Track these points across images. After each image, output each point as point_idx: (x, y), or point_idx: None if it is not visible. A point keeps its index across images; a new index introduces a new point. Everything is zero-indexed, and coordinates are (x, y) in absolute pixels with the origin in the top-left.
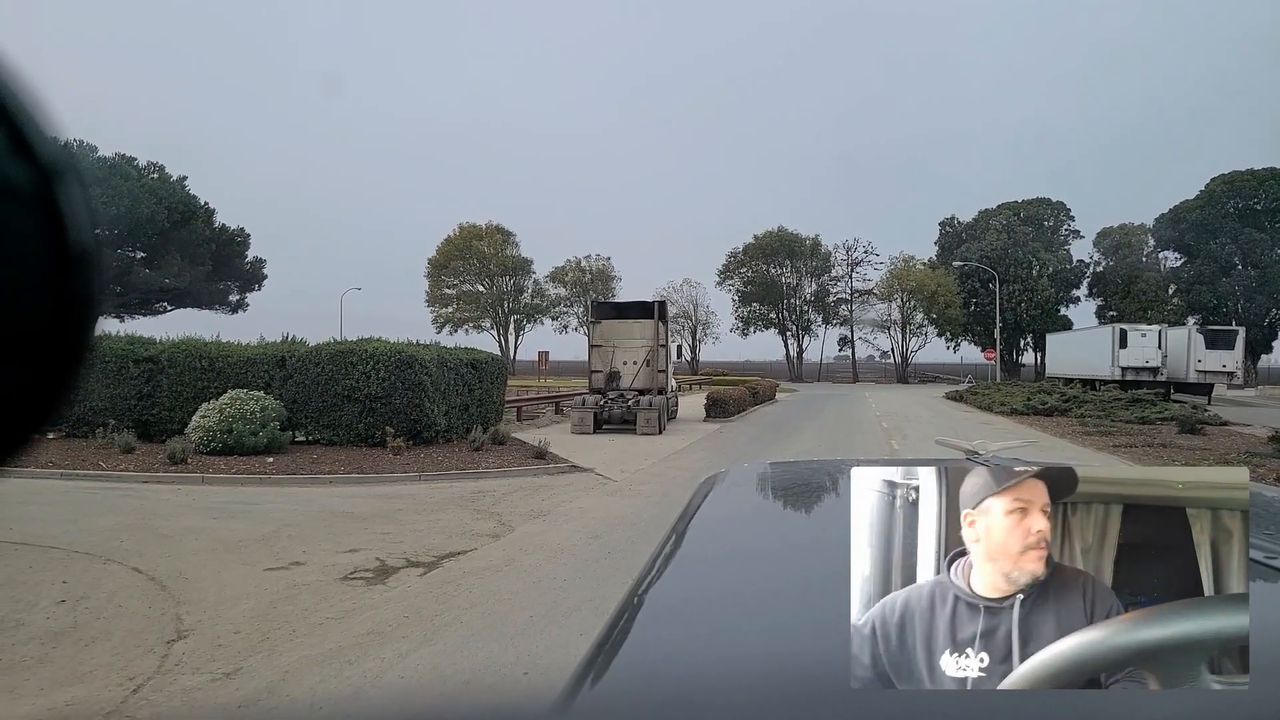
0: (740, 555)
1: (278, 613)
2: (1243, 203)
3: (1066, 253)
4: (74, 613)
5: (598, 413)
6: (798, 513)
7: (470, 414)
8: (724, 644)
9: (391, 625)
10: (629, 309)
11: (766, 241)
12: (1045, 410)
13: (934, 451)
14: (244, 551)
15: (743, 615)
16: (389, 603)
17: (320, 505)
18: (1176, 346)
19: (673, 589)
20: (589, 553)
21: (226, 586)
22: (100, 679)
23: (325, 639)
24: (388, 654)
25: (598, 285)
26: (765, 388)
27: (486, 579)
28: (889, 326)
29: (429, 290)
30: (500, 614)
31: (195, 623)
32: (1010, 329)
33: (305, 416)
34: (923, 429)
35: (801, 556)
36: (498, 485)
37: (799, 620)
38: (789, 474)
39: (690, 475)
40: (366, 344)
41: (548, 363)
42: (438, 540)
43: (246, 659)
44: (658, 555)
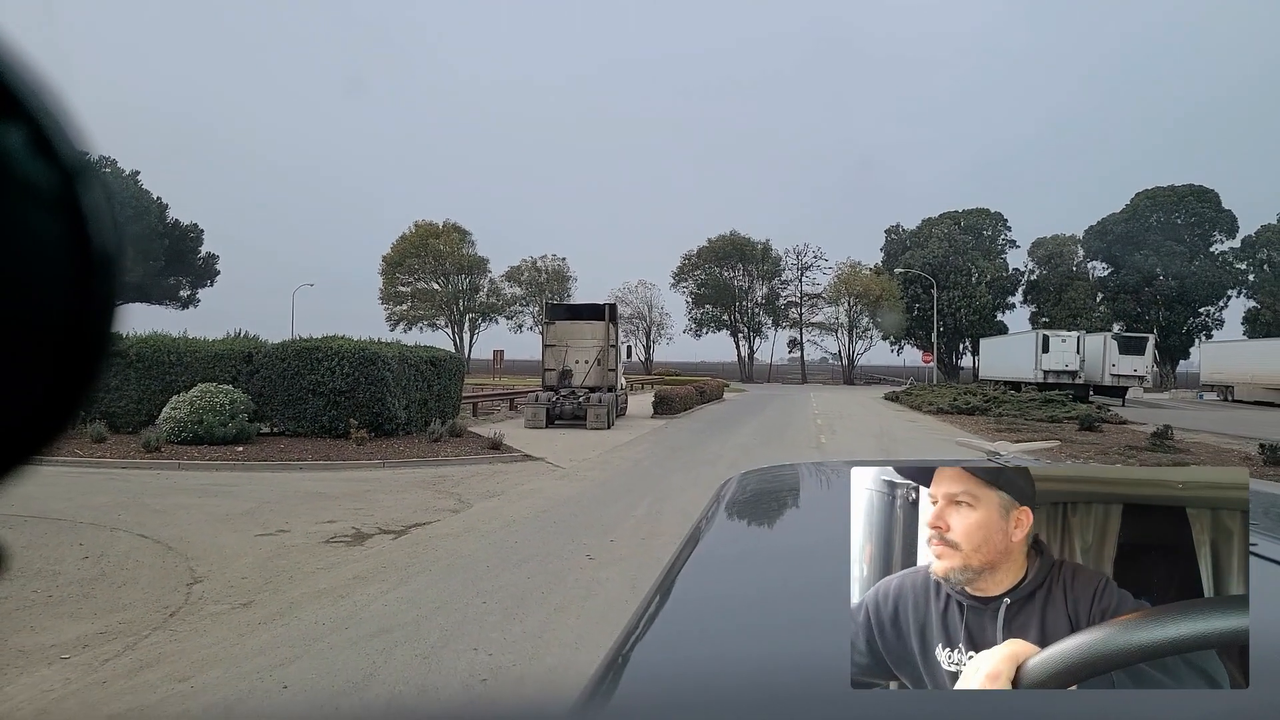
0: (757, 557)
1: (274, 565)
2: (1164, 217)
3: (1003, 261)
4: (99, 565)
5: (550, 408)
6: (814, 513)
7: (429, 408)
8: (743, 645)
9: (371, 573)
10: (582, 311)
11: (719, 245)
12: (968, 410)
13: (855, 445)
14: (233, 522)
15: (762, 616)
16: (368, 558)
17: (294, 487)
18: (1093, 352)
19: (691, 591)
20: (538, 522)
21: (225, 547)
22: (139, 608)
23: (318, 582)
24: (371, 591)
25: (553, 285)
26: (713, 387)
27: (449, 542)
28: (836, 329)
29: (383, 288)
30: (461, 565)
31: (206, 572)
32: (950, 333)
33: (271, 409)
34: (852, 425)
35: (819, 557)
36: (456, 471)
37: (817, 621)
38: (805, 475)
39: (632, 464)
40: (331, 341)
41: (502, 361)
42: (404, 514)
43: (256, 595)
44: (676, 557)
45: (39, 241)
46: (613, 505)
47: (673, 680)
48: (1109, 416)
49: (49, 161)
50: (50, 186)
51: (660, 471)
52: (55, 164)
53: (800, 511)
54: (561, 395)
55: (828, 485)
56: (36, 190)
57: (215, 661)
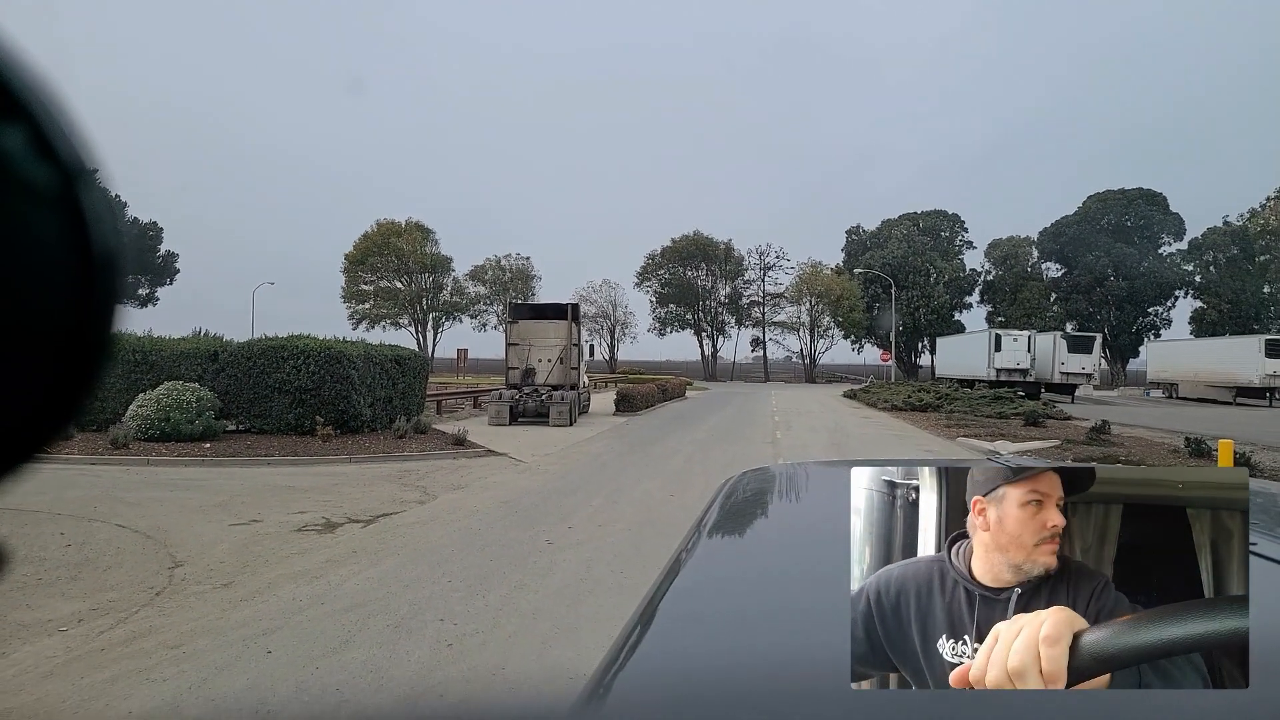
0: (758, 556)
1: (250, 551)
2: (1115, 219)
3: (961, 262)
4: (83, 552)
5: (514, 406)
6: (816, 513)
7: (394, 406)
8: (744, 644)
9: (343, 557)
10: (545, 310)
11: (683, 245)
12: (921, 406)
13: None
14: (207, 513)
15: (762, 615)
16: (339, 544)
17: (263, 481)
18: (1044, 351)
19: (692, 591)
20: (500, 512)
21: (202, 536)
22: (126, 589)
23: (293, 565)
24: (344, 572)
25: (517, 284)
26: (675, 385)
27: (416, 529)
28: (798, 329)
29: (345, 286)
30: (428, 549)
31: (186, 557)
32: (909, 332)
33: (237, 407)
34: (809, 421)
35: (820, 556)
36: (421, 466)
37: (818, 620)
38: (808, 475)
39: (592, 458)
40: (297, 340)
41: (466, 360)
42: (372, 505)
43: (235, 577)
44: (678, 556)
45: (39, 243)
46: (572, 496)
47: (673, 678)
48: (1054, 412)
49: (49, 162)
50: (51, 187)
51: (619, 465)
52: (56, 165)
53: (801, 511)
54: (525, 393)
55: (828, 485)
56: (37, 191)
57: (203, 632)
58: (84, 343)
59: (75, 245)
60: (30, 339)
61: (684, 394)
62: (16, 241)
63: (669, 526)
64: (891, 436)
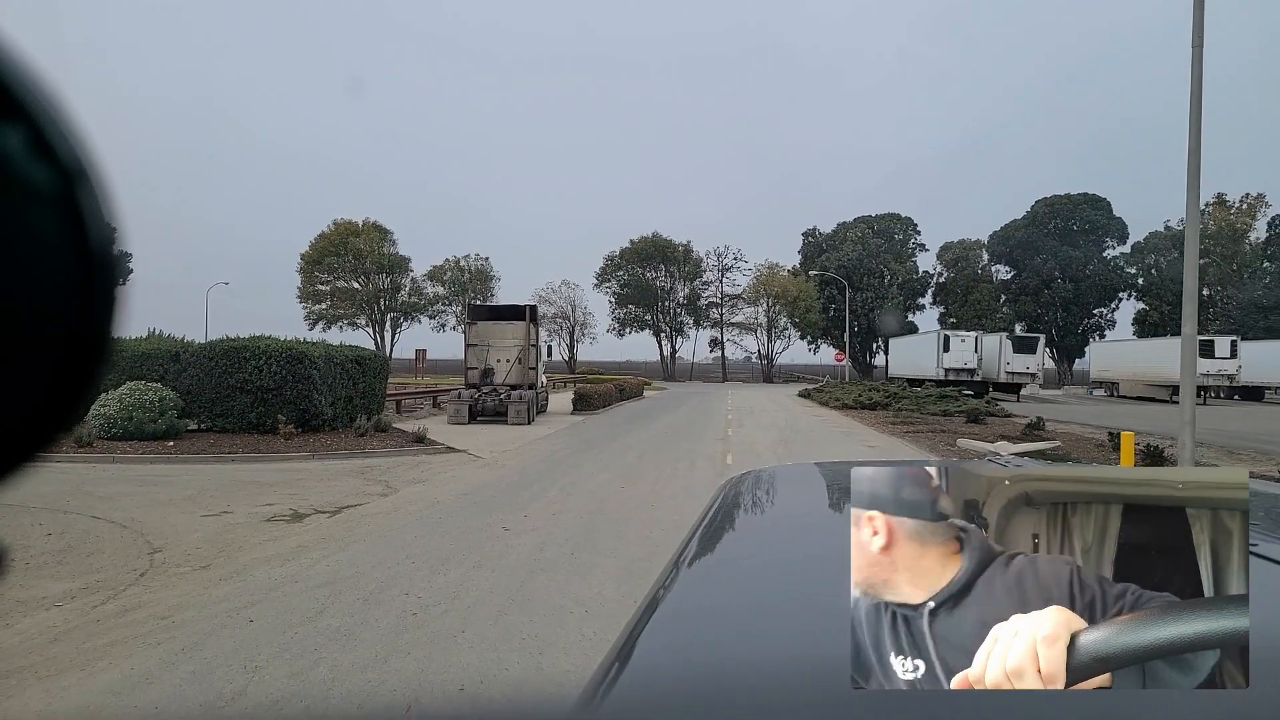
0: (758, 557)
1: (224, 538)
2: (1062, 223)
3: (914, 264)
4: (64, 540)
5: (472, 405)
6: (816, 514)
7: (354, 405)
8: (744, 645)
9: (312, 543)
10: (503, 311)
11: (642, 246)
12: (871, 405)
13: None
14: (177, 506)
15: (762, 616)
16: (307, 531)
17: (229, 477)
18: (990, 351)
19: (692, 590)
20: (459, 503)
21: (176, 526)
22: (111, 571)
23: (265, 550)
24: (314, 556)
25: (476, 285)
26: (632, 385)
27: (380, 519)
28: (756, 329)
29: (301, 286)
30: (392, 536)
31: (163, 544)
32: (864, 333)
33: (199, 406)
34: (761, 420)
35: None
36: (383, 462)
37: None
38: (809, 476)
39: (549, 454)
40: (259, 341)
41: (425, 360)
42: (337, 497)
43: (212, 560)
44: (678, 557)
45: (38, 243)
46: (528, 489)
47: (673, 680)
48: (995, 410)
49: (48, 163)
50: (50, 188)
51: (574, 460)
52: (55, 166)
53: (801, 512)
54: (484, 392)
55: (829, 486)
56: (36, 192)
57: (188, 606)
58: (83, 343)
59: (74, 246)
60: (30, 340)
61: (642, 394)
62: (16, 242)
63: (619, 515)
64: (839, 433)
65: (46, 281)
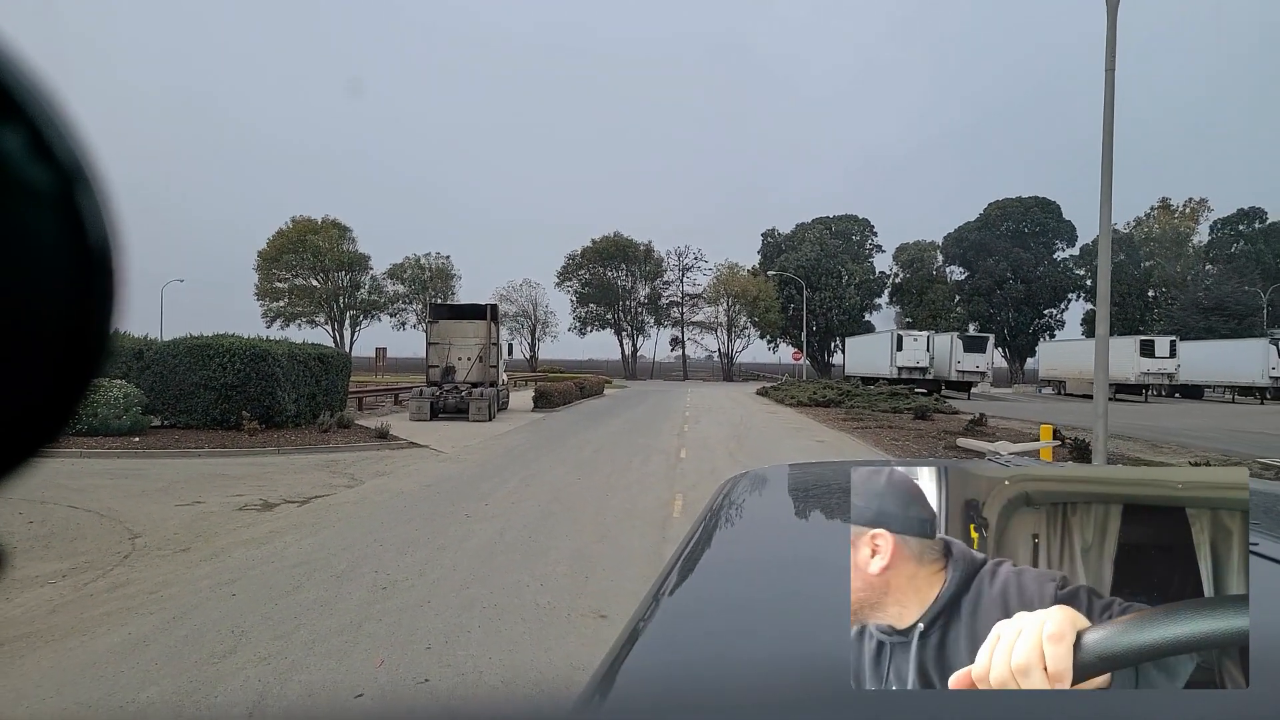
0: (758, 557)
1: (200, 525)
2: (1014, 225)
3: (871, 265)
4: (46, 527)
5: (434, 402)
6: (816, 514)
7: (318, 402)
8: (744, 645)
9: (284, 529)
10: (465, 310)
11: (603, 246)
12: (824, 402)
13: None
14: (151, 496)
15: (762, 616)
16: (278, 519)
17: (196, 471)
18: (941, 350)
19: (693, 590)
20: (423, 493)
21: (152, 514)
22: (97, 553)
23: (240, 535)
24: (287, 540)
25: (437, 283)
26: (593, 383)
27: (347, 507)
28: (716, 328)
29: (259, 284)
30: (360, 522)
31: (143, 530)
32: (822, 332)
33: (163, 403)
34: (718, 417)
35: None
36: (347, 457)
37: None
38: (809, 475)
39: (509, 449)
40: (222, 339)
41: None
42: (305, 489)
43: (191, 544)
44: (678, 556)
45: (37, 244)
46: (489, 481)
47: (673, 681)
48: (943, 407)
49: (47, 164)
50: (49, 189)
51: (534, 455)
52: (54, 166)
53: (801, 511)
54: (445, 390)
55: (829, 485)
56: (35, 193)
57: (174, 582)
58: (83, 343)
59: (73, 246)
60: (29, 339)
61: (602, 392)
62: (14, 243)
63: (574, 504)
64: (790, 429)
65: (45, 282)
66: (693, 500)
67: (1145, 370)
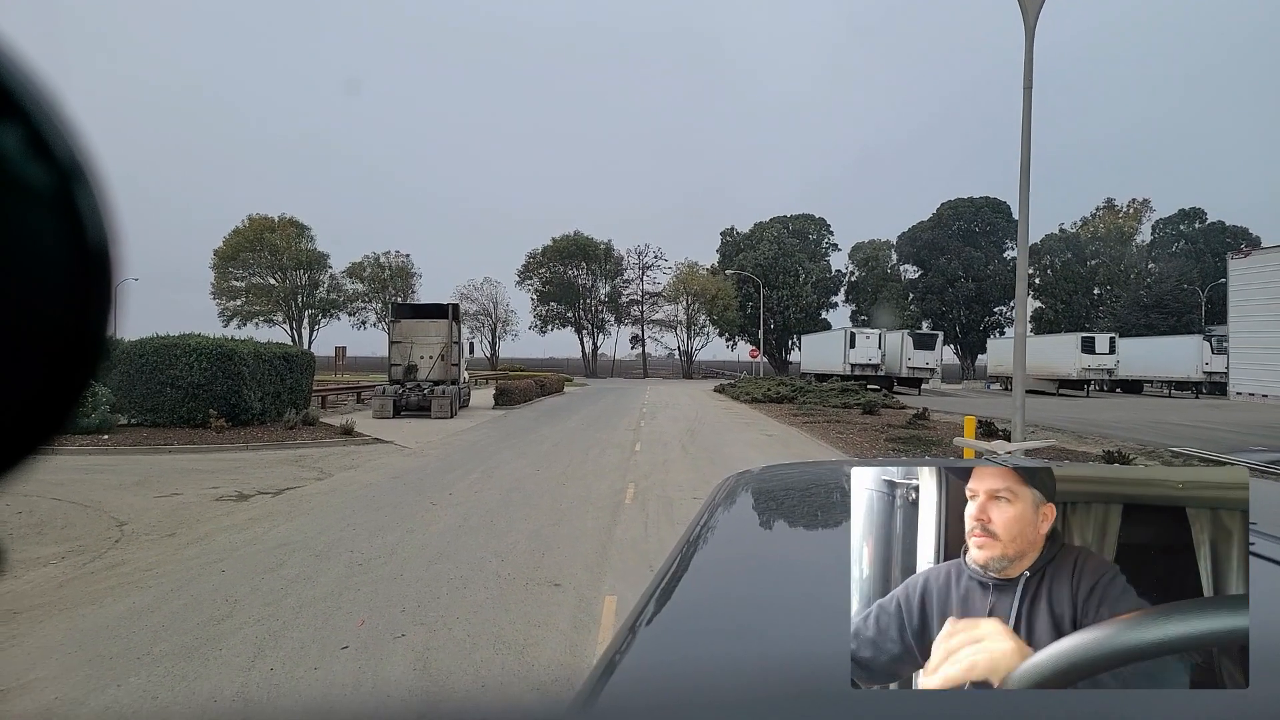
0: (755, 556)
1: (180, 515)
2: (965, 225)
3: (827, 263)
4: (36, 516)
5: (397, 400)
6: (814, 513)
7: (283, 400)
8: (742, 645)
9: (261, 516)
10: (426, 310)
11: (563, 245)
12: (778, 399)
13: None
14: (129, 489)
15: (760, 616)
16: (255, 508)
17: (169, 466)
18: (893, 347)
19: (689, 591)
20: (390, 484)
21: (133, 505)
22: (89, 539)
23: (221, 522)
24: (265, 526)
25: (397, 282)
26: (553, 381)
27: (319, 497)
28: (676, 326)
29: (215, 282)
30: (332, 510)
31: (128, 519)
32: (780, 330)
33: (130, 402)
34: (674, 413)
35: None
36: (315, 452)
37: (817, 621)
38: (807, 474)
39: (470, 444)
40: (189, 339)
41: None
42: (277, 481)
43: (175, 530)
44: (675, 556)
45: (35, 242)
46: (452, 473)
47: (670, 681)
48: (891, 403)
49: (45, 162)
50: (47, 187)
51: (494, 449)
52: (52, 165)
53: (799, 511)
54: (407, 388)
55: (828, 485)
56: (33, 191)
57: (165, 562)
58: (81, 341)
59: (71, 245)
60: (27, 338)
61: (562, 389)
62: (12, 242)
63: (533, 492)
64: (743, 424)
65: (44, 281)
66: (644, 489)
67: (1086, 366)
